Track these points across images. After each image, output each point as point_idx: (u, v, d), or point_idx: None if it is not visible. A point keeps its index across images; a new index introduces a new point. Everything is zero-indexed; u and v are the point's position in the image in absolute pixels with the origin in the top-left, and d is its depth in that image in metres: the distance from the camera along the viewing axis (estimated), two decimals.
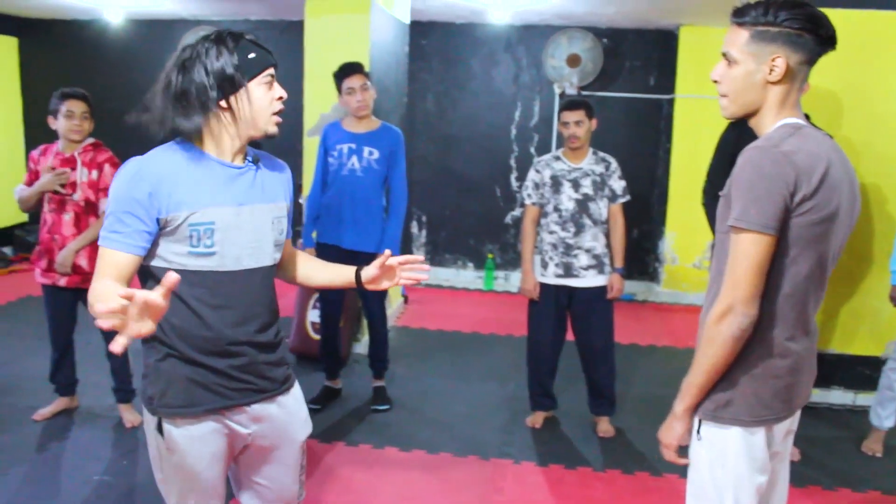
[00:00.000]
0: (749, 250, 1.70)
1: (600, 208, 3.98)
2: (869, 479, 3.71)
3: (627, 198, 4.04)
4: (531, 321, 4.15)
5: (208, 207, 1.83)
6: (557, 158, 4.03)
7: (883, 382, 4.01)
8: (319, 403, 4.36)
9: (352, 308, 5.13)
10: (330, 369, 4.50)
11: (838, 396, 4.63)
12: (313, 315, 5.12)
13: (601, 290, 3.99)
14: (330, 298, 4.38)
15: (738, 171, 1.73)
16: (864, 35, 4.33)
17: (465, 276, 7.72)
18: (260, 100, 1.86)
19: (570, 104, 3.96)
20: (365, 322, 4.84)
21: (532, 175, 4.05)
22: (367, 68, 4.95)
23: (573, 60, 7.10)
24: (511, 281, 7.62)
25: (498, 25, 7.34)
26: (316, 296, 5.10)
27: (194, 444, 1.92)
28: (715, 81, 1.86)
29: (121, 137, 6.43)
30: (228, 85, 1.82)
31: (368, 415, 4.30)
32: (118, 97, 7.57)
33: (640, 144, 7.32)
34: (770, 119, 1.80)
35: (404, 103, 6.35)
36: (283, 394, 2.05)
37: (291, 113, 4.75)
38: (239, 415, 1.96)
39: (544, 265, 4.02)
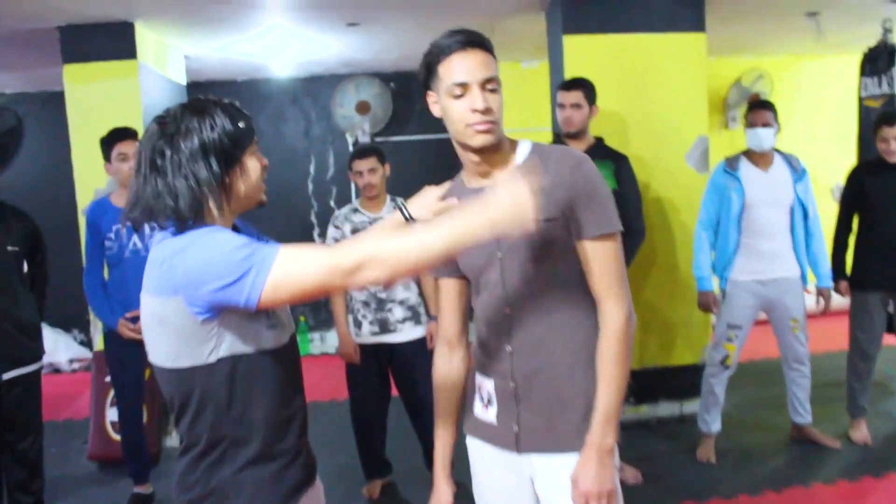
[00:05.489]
0: (619, 250, 1.75)
1: None
2: (708, 488, 3.72)
3: None
4: (351, 384, 3.86)
5: None
6: (356, 210, 3.80)
7: (705, 388, 4.10)
8: None
9: (157, 398, 4.61)
10: (137, 473, 3.98)
11: (665, 408, 4.68)
12: (112, 414, 4.54)
13: (421, 342, 3.78)
14: (128, 389, 3.89)
15: (592, 183, 1.72)
16: (641, 57, 4.48)
17: None
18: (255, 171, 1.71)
19: (359, 152, 3.76)
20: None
21: (332, 232, 3.80)
22: (140, 134, 4.55)
23: (363, 107, 6.97)
24: (328, 342, 7.30)
25: (282, 79, 7.09)
26: (112, 393, 4.54)
27: None
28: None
29: None
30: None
31: None
32: None
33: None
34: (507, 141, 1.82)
35: None
36: None
37: (63, 191, 4.28)
38: None
39: (358, 325, 3.77)
